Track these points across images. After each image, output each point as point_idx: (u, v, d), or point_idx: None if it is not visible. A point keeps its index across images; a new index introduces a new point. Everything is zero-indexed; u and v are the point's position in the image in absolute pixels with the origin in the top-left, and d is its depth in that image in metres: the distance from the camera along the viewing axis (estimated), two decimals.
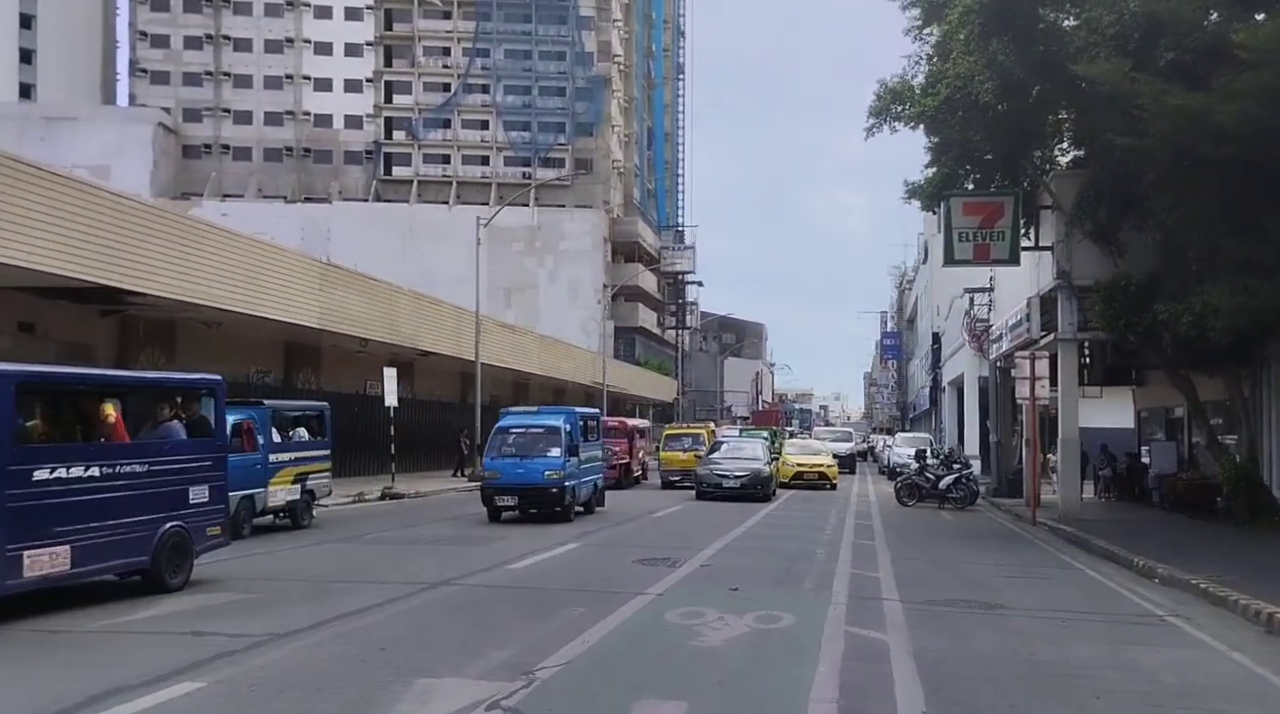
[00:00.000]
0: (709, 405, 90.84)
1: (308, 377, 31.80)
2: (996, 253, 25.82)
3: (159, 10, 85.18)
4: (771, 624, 9.99)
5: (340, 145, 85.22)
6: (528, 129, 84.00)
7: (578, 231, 79.19)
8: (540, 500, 21.20)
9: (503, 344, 40.48)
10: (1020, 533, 21.84)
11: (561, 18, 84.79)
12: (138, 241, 20.54)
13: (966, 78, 21.07)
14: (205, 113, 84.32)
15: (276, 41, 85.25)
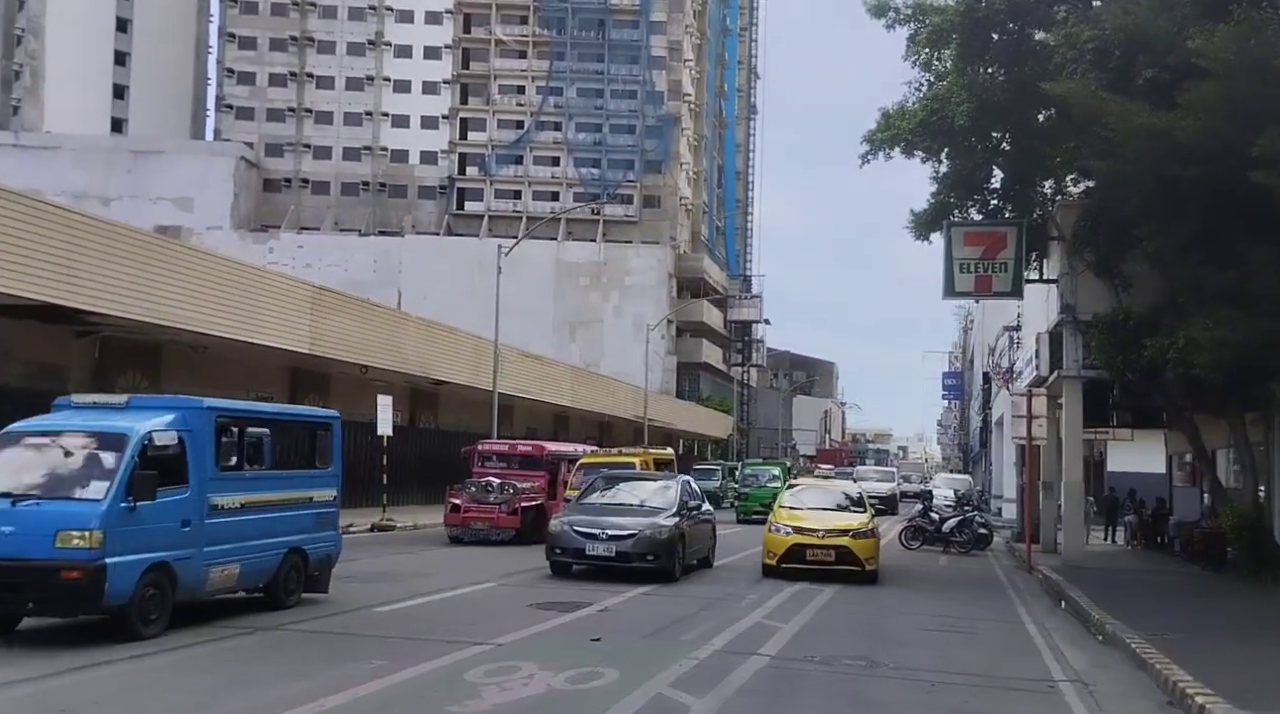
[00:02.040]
0: (774, 443, 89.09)
1: (315, 403, 31.50)
2: (999, 285, 24.40)
3: (246, 49, 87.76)
4: (580, 683, 8.96)
5: (415, 180, 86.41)
6: (598, 166, 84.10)
7: (643, 267, 78.73)
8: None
9: (529, 375, 39.93)
10: (1004, 581, 20.29)
11: (634, 58, 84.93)
12: (97, 261, 20.47)
13: (944, 99, 19.93)
14: (287, 147, 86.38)
15: (358, 79, 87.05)
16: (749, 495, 36.31)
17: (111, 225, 22.44)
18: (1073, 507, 23.79)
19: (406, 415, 36.29)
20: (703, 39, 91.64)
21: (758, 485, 36.95)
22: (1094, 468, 44.12)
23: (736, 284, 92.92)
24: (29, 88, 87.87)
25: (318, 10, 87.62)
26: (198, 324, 23.20)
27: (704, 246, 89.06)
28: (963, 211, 24.61)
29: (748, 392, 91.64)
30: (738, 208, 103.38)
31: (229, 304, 24.01)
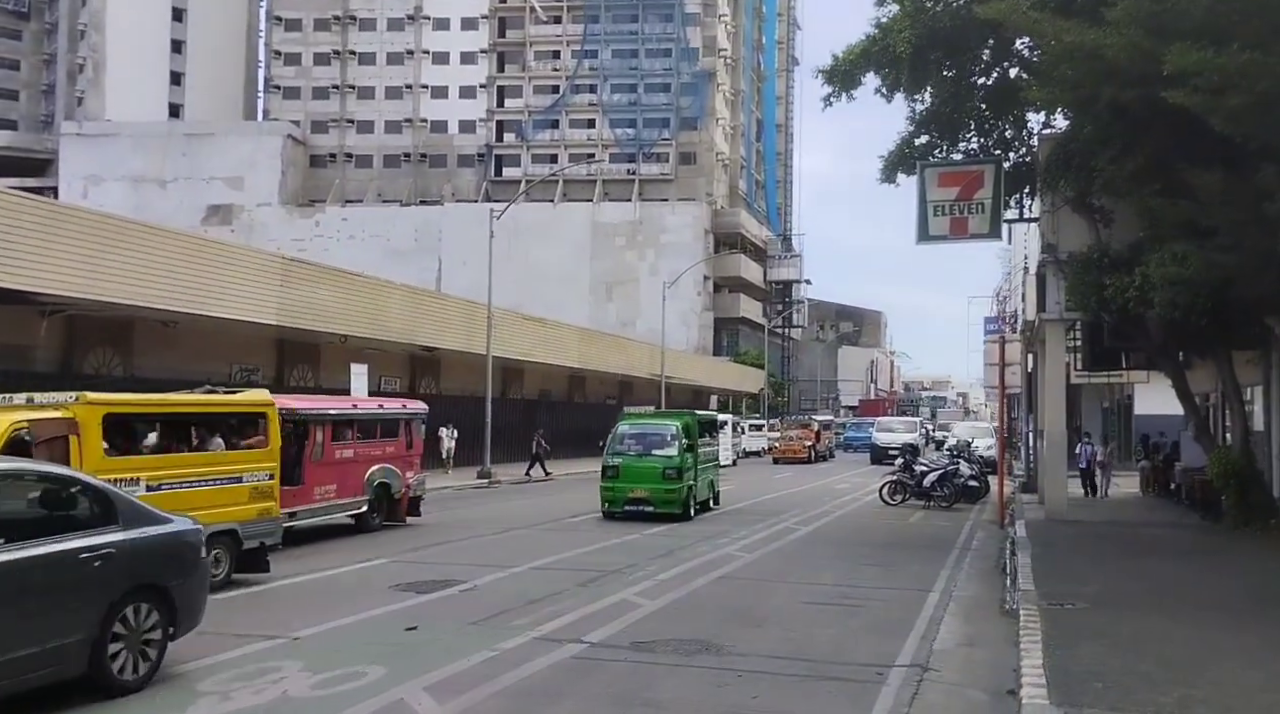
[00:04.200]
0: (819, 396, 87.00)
1: (304, 374, 30.84)
2: (975, 227, 22.28)
3: (292, 30, 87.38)
4: (325, 688, 7.77)
5: (454, 149, 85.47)
6: (633, 126, 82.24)
7: (679, 224, 77.01)
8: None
9: (531, 338, 38.75)
10: (958, 541, 18.62)
11: (668, 16, 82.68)
12: (44, 242, 19.70)
13: (886, 28, 18.07)
14: (331, 124, 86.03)
15: (398, 54, 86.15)
16: (619, 473, 21.16)
17: (55, 206, 21.67)
18: (1055, 456, 21.91)
19: (406, 382, 35.43)
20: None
21: (639, 454, 21.40)
22: (1122, 412, 41.80)
23: (777, 241, 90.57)
24: (92, 79, 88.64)
25: None
26: (155, 300, 22.42)
27: (742, 201, 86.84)
28: (943, 152, 22.70)
29: (789, 345, 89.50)
30: (778, 160, 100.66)
31: (191, 280, 23.18)
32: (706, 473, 23.10)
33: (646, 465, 20.95)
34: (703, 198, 79.41)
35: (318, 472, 17.00)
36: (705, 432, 23.87)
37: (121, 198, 79.29)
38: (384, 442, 19.25)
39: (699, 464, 22.12)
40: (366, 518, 18.37)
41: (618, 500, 20.91)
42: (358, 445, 18.36)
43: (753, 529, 19.73)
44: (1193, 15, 11.66)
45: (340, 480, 17.62)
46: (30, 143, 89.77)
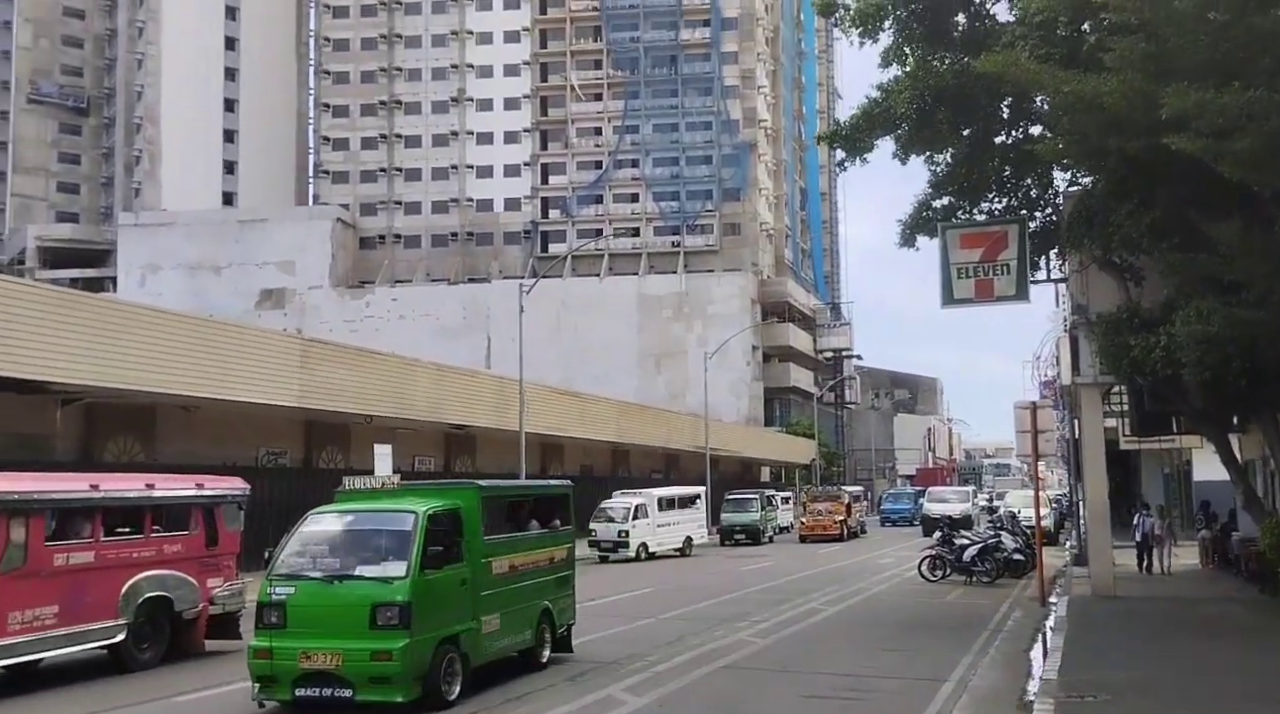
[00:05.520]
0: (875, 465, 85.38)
1: (333, 456, 30.72)
2: (1001, 289, 21.63)
3: (340, 116, 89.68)
4: None
5: (500, 227, 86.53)
6: (676, 198, 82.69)
7: (725, 295, 76.83)
8: None
9: (567, 413, 38.40)
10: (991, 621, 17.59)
11: (707, 89, 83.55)
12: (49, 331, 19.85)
13: (887, 89, 17.71)
14: (380, 206, 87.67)
15: (443, 136, 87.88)
16: (284, 619, 10.79)
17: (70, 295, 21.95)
18: (1098, 527, 20.87)
19: (441, 460, 35.20)
20: (777, 65, 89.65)
21: (328, 577, 10.97)
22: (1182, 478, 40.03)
23: (825, 309, 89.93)
24: (148, 171, 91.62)
25: (404, 74, 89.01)
26: (173, 386, 22.49)
27: (789, 270, 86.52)
28: (965, 213, 22.14)
29: (845, 414, 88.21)
30: (823, 229, 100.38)
31: (209, 364, 23.27)
32: (529, 599, 12.78)
33: (339, 600, 10.62)
34: (748, 268, 79.28)
35: (16, 588, 11.63)
36: (536, 515, 13.82)
37: (178, 285, 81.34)
38: (162, 538, 13.65)
39: (494, 586, 11.92)
40: (127, 651, 12.94)
41: (281, 679, 10.58)
42: (105, 546, 12.79)
43: (776, 610, 18.93)
44: (1192, 55, 11.11)
45: (69, 598, 12.17)
46: (90, 234, 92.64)
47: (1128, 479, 41.92)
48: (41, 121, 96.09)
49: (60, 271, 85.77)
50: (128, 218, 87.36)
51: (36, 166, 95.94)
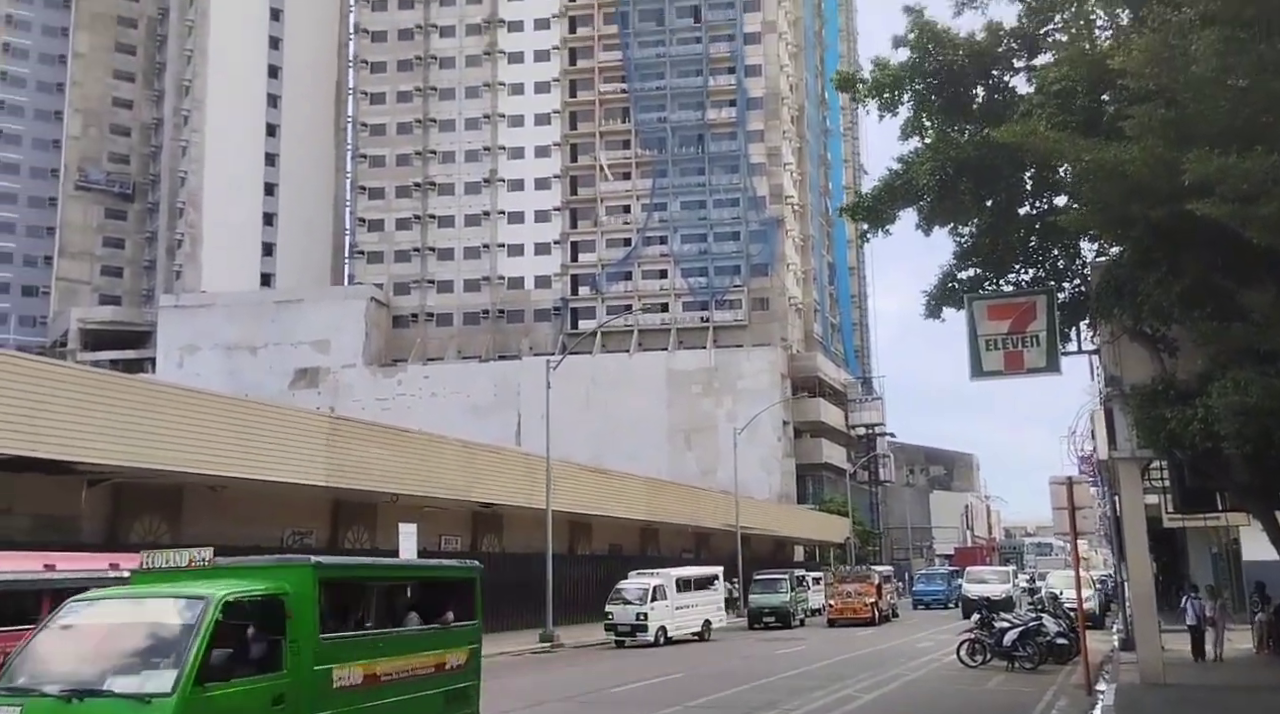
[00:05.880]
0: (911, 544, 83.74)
1: (360, 535, 30.39)
2: (1031, 361, 21.07)
3: (376, 198, 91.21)
4: None
5: (531, 304, 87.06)
6: (704, 274, 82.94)
7: (754, 370, 76.47)
8: None
9: (595, 490, 37.92)
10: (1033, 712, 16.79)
11: (733, 167, 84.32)
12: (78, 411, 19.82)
13: (908, 162, 17.53)
14: (413, 285, 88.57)
15: (475, 215, 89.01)
16: None
17: (94, 374, 21.97)
18: (1143, 610, 20.02)
19: (468, 540, 34.75)
20: (802, 142, 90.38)
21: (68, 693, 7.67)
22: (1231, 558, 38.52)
23: (856, 384, 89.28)
24: (189, 254, 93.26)
25: (438, 157, 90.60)
26: (199, 465, 22.36)
27: (818, 345, 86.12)
28: (991, 284, 21.77)
29: (879, 491, 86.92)
30: (852, 302, 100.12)
31: (236, 443, 23.15)
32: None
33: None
34: (777, 343, 79.01)
35: None
36: (422, 605, 10.85)
37: (215, 366, 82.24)
38: None
39: (338, 706, 8.98)
40: None
41: None
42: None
43: (809, 697, 18.18)
44: (1213, 120, 10.82)
45: None
46: (132, 316, 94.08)
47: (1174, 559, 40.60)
48: (88, 207, 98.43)
49: (101, 353, 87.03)
50: (168, 300, 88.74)
51: (82, 251, 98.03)
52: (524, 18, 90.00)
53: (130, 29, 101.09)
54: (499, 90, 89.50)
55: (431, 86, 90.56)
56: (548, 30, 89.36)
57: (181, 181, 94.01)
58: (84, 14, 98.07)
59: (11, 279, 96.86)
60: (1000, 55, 17.48)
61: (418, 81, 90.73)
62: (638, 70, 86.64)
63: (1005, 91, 18.25)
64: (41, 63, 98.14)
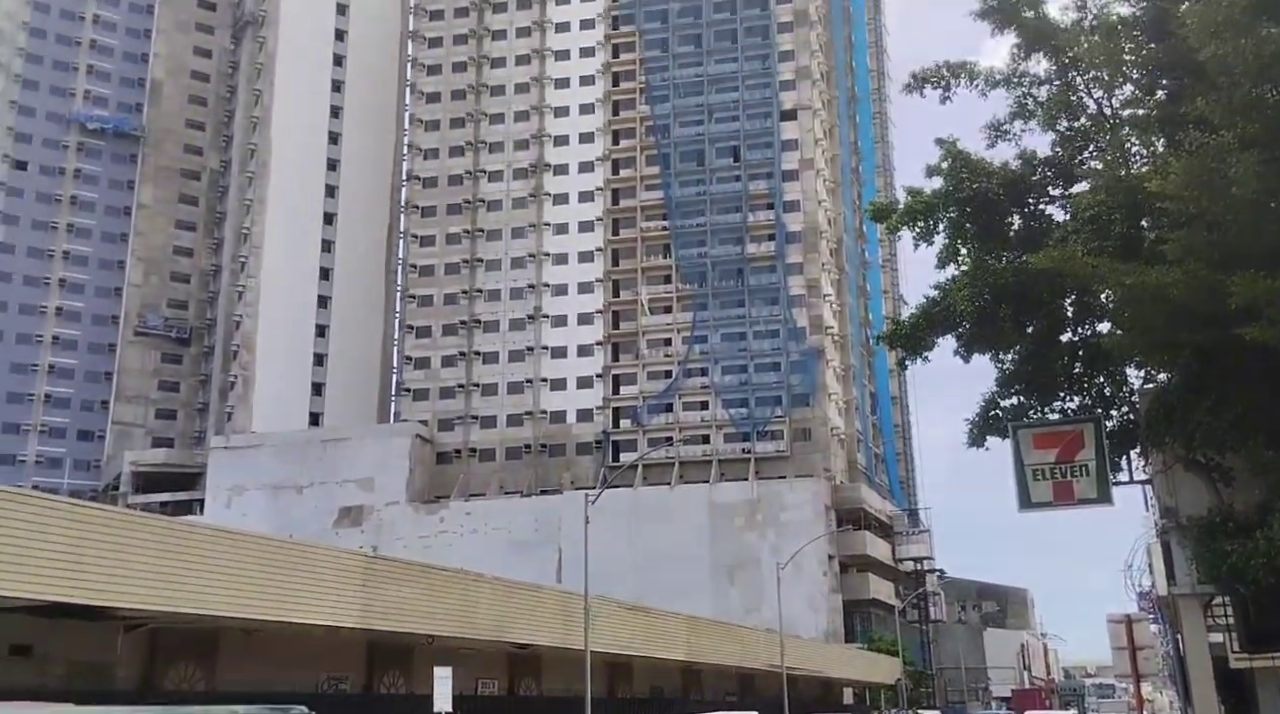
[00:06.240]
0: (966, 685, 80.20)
1: (395, 680, 29.44)
2: (1081, 492, 20.26)
3: (423, 337, 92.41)
4: None
5: (573, 438, 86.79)
6: (745, 405, 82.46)
7: (798, 502, 75.08)
8: None
9: (634, 629, 36.72)
10: None
11: (773, 299, 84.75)
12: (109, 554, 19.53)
13: (946, 289, 17.27)
14: (457, 421, 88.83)
15: (519, 351, 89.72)
16: None
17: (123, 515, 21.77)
18: None
19: (504, 683, 33.59)
20: (841, 274, 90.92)
21: None
22: None
23: (902, 516, 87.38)
24: (241, 395, 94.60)
25: (483, 295, 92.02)
26: (235, 609, 21.82)
27: (862, 476, 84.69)
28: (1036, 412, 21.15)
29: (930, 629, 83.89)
30: (896, 433, 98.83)
31: (271, 584, 22.65)
32: None
33: None
34: (820, 474, 77.80)
35: None
36: None
37: (261, 506, 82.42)
38: None
39: None
40: None
41: None
42: None
43: None
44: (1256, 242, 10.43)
45: None
46: (183, 459, 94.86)
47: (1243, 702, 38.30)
48: (145, 352, 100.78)
49: (152, 496, 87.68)
50: (219, 441, 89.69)
51: (138, 395, 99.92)
52: (569, 161, 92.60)
53: (193, 181, 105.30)
54: (544, 230, 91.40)
55: (479, 228, 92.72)
56: (591, 173, 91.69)
57: (236, 325, 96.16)
58: (150, 167, 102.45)
59: (69, 423, 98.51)
60: (1035, 183, 17.38)
61: (466, 224, 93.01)
62: (678, 208, 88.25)
63: (1041, 218, 18.09)
64: (107, 214, 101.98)
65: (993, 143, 18.59)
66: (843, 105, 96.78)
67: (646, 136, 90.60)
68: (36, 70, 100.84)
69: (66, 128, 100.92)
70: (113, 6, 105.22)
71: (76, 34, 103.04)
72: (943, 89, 18.76)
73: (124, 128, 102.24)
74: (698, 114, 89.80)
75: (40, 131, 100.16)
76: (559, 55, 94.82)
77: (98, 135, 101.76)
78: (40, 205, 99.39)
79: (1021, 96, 18.46)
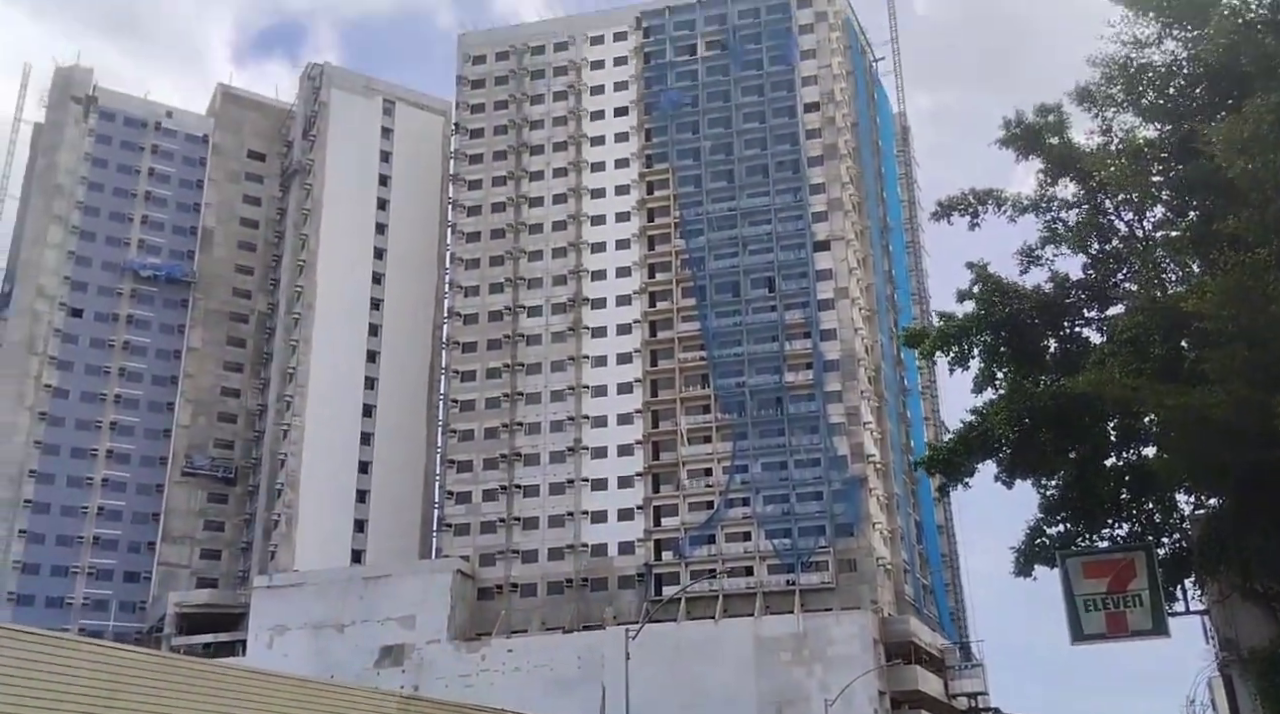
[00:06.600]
0: None
1: None
2: (1135, 623, 19.47)
3: (464, 471, 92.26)
4: None
5: (614, 572, 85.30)
6: (788, 535, 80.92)
7: (845, 635, 72.75)
8: None
9: None
10: None
11: (813, 428, 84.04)
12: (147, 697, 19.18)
13: (983, 413, 16.94)
14: (498, 556, 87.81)
15: (560, 484, 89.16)
16: None
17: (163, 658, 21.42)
18: None
19: None
20: (881, 402, 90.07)
21: None
22: None
23: (954, 649, 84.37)
24: (284, 534, 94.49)
25: (524, 428, 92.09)
26: None
27: (911, 608, 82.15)
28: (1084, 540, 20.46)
29: None
30: (943, 563, 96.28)
31: None
32: None
33: None
34: (868, 606, 75.60)
35: None
36: None
37: (303, 646, 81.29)
38: None
39: None
40: None
41: None
42: None
43: None
44: None
45: None
46: (227, 599, 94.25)
47: None
48: (192, 492, 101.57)
49: (195, 637, 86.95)
50: (261, 580, 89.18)
51: (183, 535, 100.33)
52: (606, 295, 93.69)
53: (241, 323, 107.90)
54: (583, 363, 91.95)
55: (519, 363, 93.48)
56: (629, 306, 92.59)
57: (281, 463, 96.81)
58: (200, 311, 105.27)
59: (116, 565, 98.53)
60: (1069, 306, 17.21)
61: (506, 358, 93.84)
62: (715, 338, 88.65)
63: (1078, 341, 17.86)
64: (158, 358, 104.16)
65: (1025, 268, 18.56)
66: (875, 235, 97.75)
67: (682, 269, 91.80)
68: (93, 222, 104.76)
69: (121, 275, 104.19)
70: (167, 160, 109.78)
71: (132, 187, 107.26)
72: (970, 216, 18.87)
73: (176, 274, 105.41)
74: (732, 247, 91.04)
75: (96, 280, 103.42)
76: (594, 193, 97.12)
77: (150, 282, 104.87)
78: (94, 351, 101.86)
79: (1051, 221, 18.49)
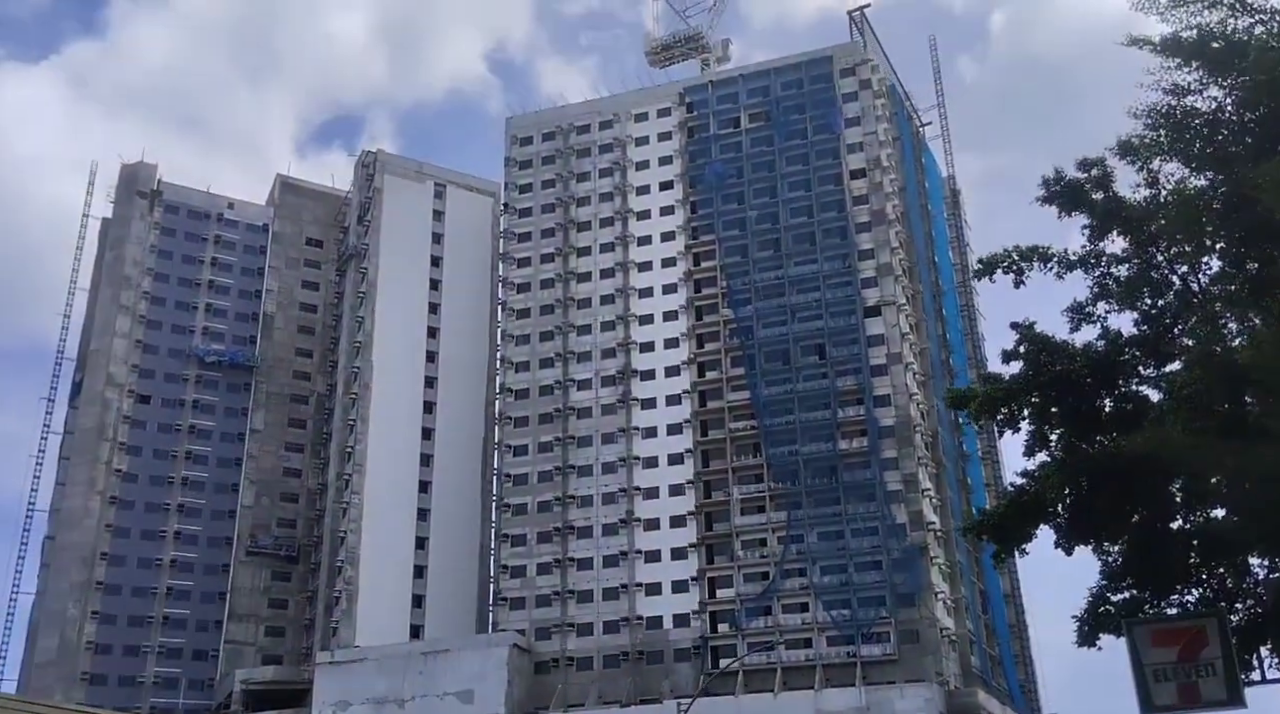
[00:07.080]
0: None
1: None
2: (1209, 693, 18.12)
3: (518, 545, 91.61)
4: None
5: (670, 645, 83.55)
6: (847, 606, 78.71)
7: (910, 709, 70.18)
8: None
9: None
10: None
11: (870, 496, 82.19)
12: None
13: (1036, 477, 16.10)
14: (554, 629, 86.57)
15: (613, 556, 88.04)
16: None
17: None
18: None
19: None
20: (939, 468, 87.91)
21: None
22: None
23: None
24: (345, 610, 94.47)
25: (576, 501, 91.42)
26: None
27: (978, 680, 79.06)
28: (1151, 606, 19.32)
29: None
30: (1012, 633, 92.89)
31: None
32: None
33: None
34: (932, 678, 72.91)
35: None
36: None
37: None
38: None
39: None
40: None
41: None
42: None
43: None
44: None
45: None
46: (292, 675, 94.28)
47: None
48: (256, 571, 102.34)
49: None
50: (324, 656, 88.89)
51: (249, 613, 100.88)
52: (655, 366, 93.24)
53: (301, 405, 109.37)
54: (634, 435, 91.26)
55: (570, 436, 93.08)
56: (678, 376, 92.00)
57: (341, 540, 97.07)
58: (262, 394, 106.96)
59: (184, 644, 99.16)
60: (1123, 363, 16.38)
61: (557, 432, 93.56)
62: (766, 407, 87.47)
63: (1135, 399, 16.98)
64: (223, 441, 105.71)
65: (1076, 326, 17.80)
66: (927, 299, 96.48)
67: (730, 339, 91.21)
68: (159, 311, 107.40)
69: (186, 362, 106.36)
70: (229, 249, 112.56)
71: (196, 276, 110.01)
72: (1015, 273, 18.21)
73: (239, 359, 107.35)
74: (780, 314, 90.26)
75: (162, 367, 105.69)
76: (642, 267, 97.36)
77: (214, 367, 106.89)
78: (161, 435, 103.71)
79: (1100, 277, 17.78)
